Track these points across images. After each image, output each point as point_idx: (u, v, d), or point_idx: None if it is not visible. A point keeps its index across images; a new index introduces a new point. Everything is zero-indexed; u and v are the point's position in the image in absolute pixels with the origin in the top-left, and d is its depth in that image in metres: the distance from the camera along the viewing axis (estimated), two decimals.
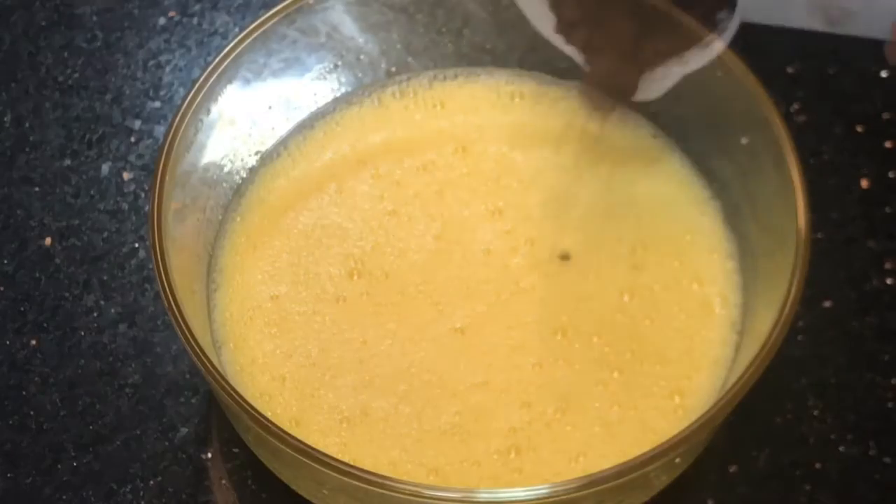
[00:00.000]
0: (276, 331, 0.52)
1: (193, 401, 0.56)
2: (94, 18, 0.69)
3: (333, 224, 0.55)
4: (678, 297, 0.53)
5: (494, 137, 0.57)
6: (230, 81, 0.53)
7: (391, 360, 0.51)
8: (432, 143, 0.57)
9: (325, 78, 0.58)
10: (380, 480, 0.43)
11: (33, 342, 0.58)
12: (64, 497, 0.54)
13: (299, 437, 0.44)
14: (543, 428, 0.49)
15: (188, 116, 0.51)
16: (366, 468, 0.43)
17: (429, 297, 0.52)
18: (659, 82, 0.51)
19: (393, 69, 0.59)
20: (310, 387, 0.50)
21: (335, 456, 0.43)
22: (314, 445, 0.43)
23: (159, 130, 0.64)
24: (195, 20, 0.69)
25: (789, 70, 0.66)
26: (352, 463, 0.44)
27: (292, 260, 0.54)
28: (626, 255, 0.53)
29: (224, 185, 0.55)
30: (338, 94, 0.59)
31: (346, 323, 0.52)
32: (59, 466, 0.55)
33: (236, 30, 0.65)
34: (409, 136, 0.57)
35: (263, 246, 0.54)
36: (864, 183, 0.62)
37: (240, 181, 0.56)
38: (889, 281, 0.59)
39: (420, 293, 0.52)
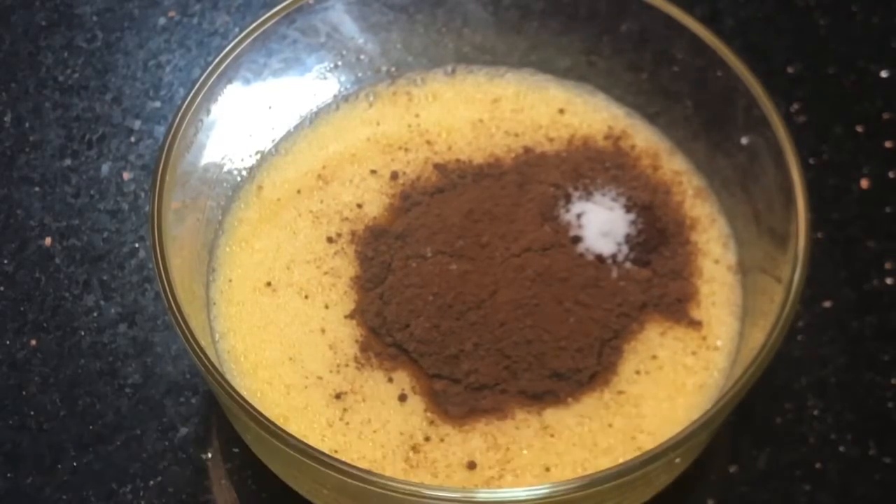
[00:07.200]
0: (262, 324, 0.52)
1: (193, 401, 0.56)
2: (94, 18, 0.69)
3: (332, 223, 0.55)
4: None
5: (492, 134, 0.57)
6: (230, 81, 0.53)
7: None
8: (432, 142, 0.57)
9: (325, 78, 0.58)
10: (380, 480, 0.43)
11: (33, 342, 0.58)
12: (64, 497, 0.54)
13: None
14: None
15: (188, 116, 0.51)
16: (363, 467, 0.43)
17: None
18: None
19: (393, 69, 0.59)
20: (288, 383, 0.51)
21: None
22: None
23: (159, 130, 0.64)
24: (195, 20, 0.69)
25: (789, 70, 0.66)
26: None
27: (288, 258, 0.54)
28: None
29: (224, 184, 0.55)
30: (338, 94, 0.59)
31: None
32: (59, 466, 0.55)
33: (236, 30, 0.65)
34: (410, 135, 0.57)
35: (261, 244, 0.54)
36: (864, 183, 0.62)
37: (239, 181, 0.56)
38: (889, 281, 0.59)
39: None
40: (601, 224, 0.53)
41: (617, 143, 0.57)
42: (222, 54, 0.53)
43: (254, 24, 0.54)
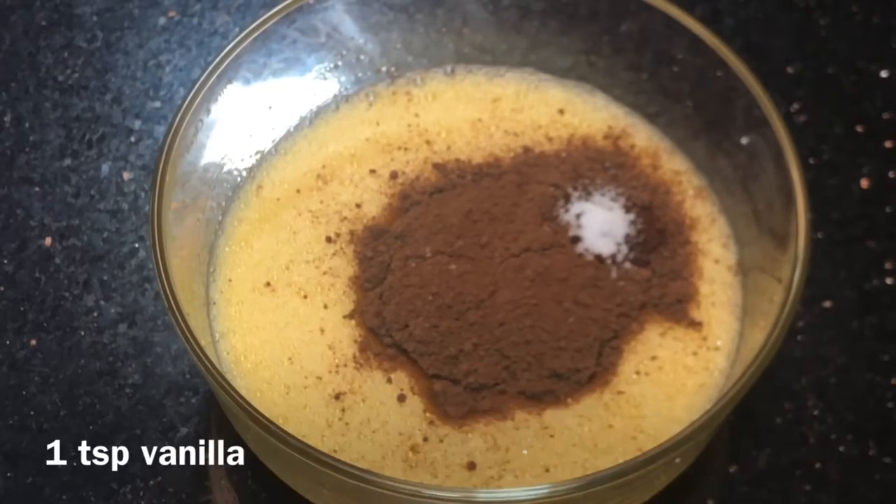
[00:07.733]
0: (262, 324, 0.52)
1: (193, 401, 0.56)
2: (94, 18, 0.69)
3: (331, 223, 0.55)
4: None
5: (492, 134, 0.57)
6: (230, 81, 0.53)
7: None
8: (432, 141, 0.57)
9: (325, 78, 0.58)
10: (380, 480, 0.43)
11: (33, 342, 0.58)
12: (64, 497, 0.54)
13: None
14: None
15: (188, 116, 0.51)
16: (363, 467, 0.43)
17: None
18: None
19: (393, 69, 0.59)
20: (288, 383, 0.51)
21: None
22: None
23: (159, 130, 0.64)
24: (195, 20, 0.69)
25: (789, 70, 0.66)
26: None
27: (287, 258, 0.54)
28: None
29: (224, 184, 0.55)
30: (338, 94, 0.59)
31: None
32: (59, 466, 0.55)
33: (236, 30, 0.65)
34: (409, 135, 0.57)
35: (261, 244, 0.54)
36: (864, 183, 0.62)
37: (239, 181, 0.56)
38: (889, 281, 0.59)
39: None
40: (601, 224, 0.53)
41: (616, 142, 0.57)
42: (222, 54, 0.53)
43: (254, 24, 0.54)
